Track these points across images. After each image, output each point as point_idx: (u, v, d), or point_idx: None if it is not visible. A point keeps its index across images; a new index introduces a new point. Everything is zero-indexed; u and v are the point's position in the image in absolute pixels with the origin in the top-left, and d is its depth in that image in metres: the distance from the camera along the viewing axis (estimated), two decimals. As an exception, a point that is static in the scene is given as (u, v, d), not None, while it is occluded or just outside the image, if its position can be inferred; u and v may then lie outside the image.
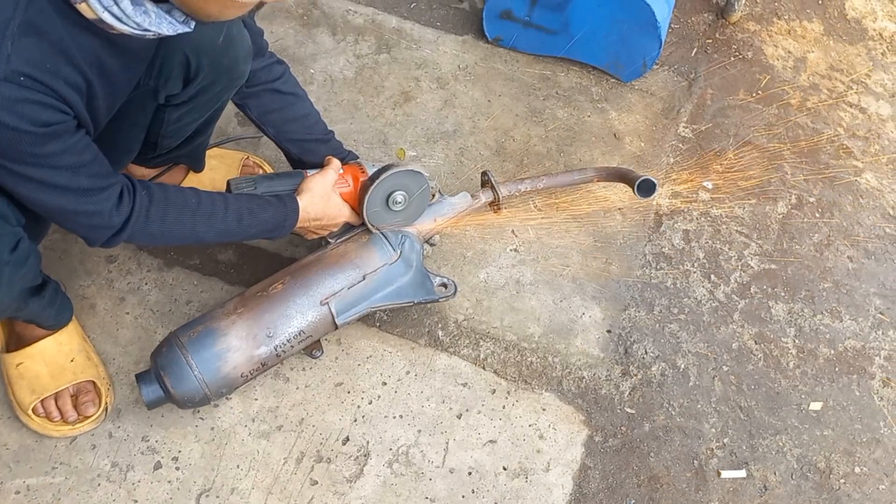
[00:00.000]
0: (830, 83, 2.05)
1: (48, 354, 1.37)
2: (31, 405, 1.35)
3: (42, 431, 1.36)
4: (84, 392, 1.38)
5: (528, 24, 1.88)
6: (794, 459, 1.50)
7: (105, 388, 1.40)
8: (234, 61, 1.30)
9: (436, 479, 1.40)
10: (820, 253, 1.76)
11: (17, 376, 1.36)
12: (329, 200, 1.39)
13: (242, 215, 1.28)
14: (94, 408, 1.38)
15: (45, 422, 1.36)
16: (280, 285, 1.37)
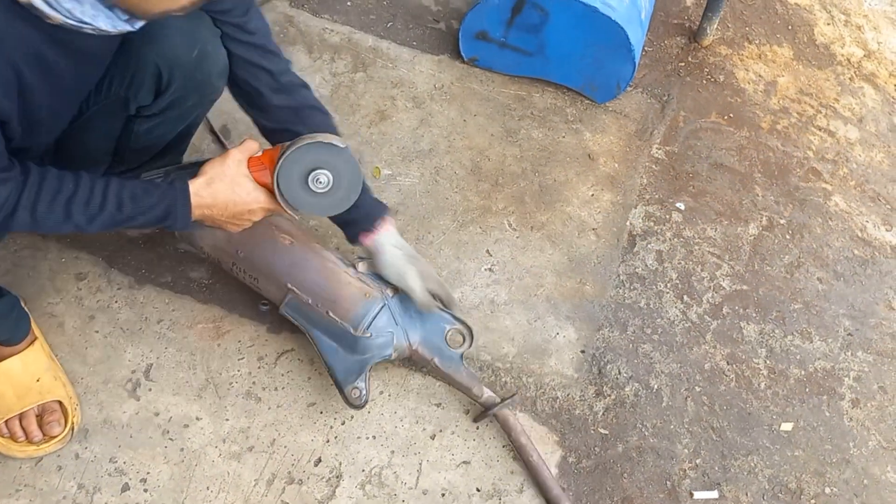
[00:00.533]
0: (800, 107, 2.09)
1: (13, 374, 1.34)
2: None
3: (6, 452, 1.33)
4: (49, 412, 1.35)
5: (503, 45, 1.90)
6: (766, 480, 1.51)
7: (72, 408, 1.37)
8: (208, 76, 1.28)
9: (409, 500, 1.39)
10: (790, 274, 1.78)
11: None
12: (235, 184, 1.20)
13: (123, 202, 1.13)
14: (60, 428, 1.35)
15: (10, 442, 1.33)
16: (287, 241, 1.41)
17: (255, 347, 1.51)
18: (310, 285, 1.38)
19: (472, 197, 1.77)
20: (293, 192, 1.21)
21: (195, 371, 1.47)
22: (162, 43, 1.19)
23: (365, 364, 1.38)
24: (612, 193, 1.82)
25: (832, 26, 2.32)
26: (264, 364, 1.49)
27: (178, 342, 1.49)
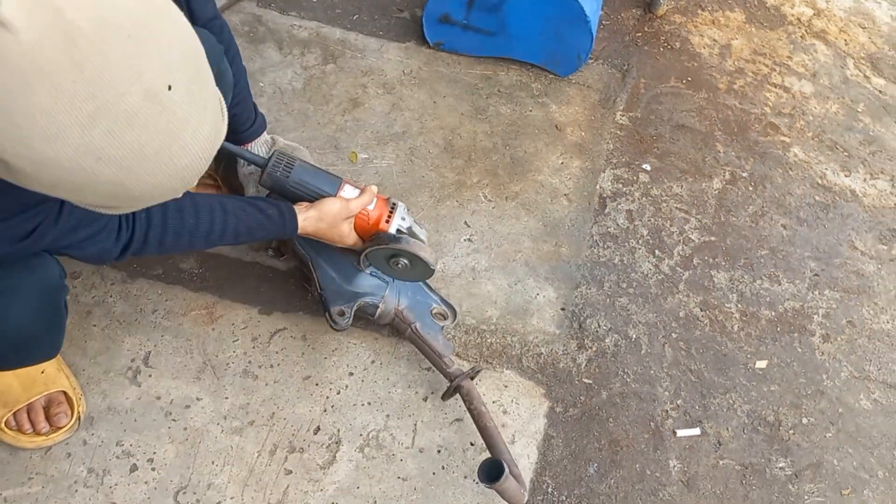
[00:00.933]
0: (755, 67, 2.18)
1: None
2: (3, 418, 1.37)
3: (16, 444, 1.39)
4: (56, 403, 1.41)
5: (466, 27, 1.97)
6: (745, 415, 1.58)
7: (76, 398, 1.43)
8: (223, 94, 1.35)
9: (406, 459, 1.45)
10: (755, 223, 1.86)
11: None
12: (335, 227, 1.42)
13: (240, 233, 1.32)
14: (67, 418, 1.40)
15: (19, 434, 1.38)
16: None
17: (248, 329, 1.57)
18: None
19: (448, 173, 1.84)
20: (377, 263, 1.48)
21: (192, 355, 1.53)
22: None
23: (355, 297, 1.48)
24: (581, 160, 1.90)
25: (781, -11, 2.41)
26: (258, 344, 1.55)
27: (174, 329, 1.55)
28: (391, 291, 1.51)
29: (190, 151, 0.81)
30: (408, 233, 1.47)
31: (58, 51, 0.68)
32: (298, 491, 1.40)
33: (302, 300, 1.61)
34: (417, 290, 1.56)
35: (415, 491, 1.42)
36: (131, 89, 0.72)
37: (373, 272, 1.51)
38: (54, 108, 0.70)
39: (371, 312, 1.50)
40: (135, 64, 0.72)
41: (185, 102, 0.78)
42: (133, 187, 0.80)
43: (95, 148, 0.73)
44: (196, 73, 0.81)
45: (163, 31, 0.76)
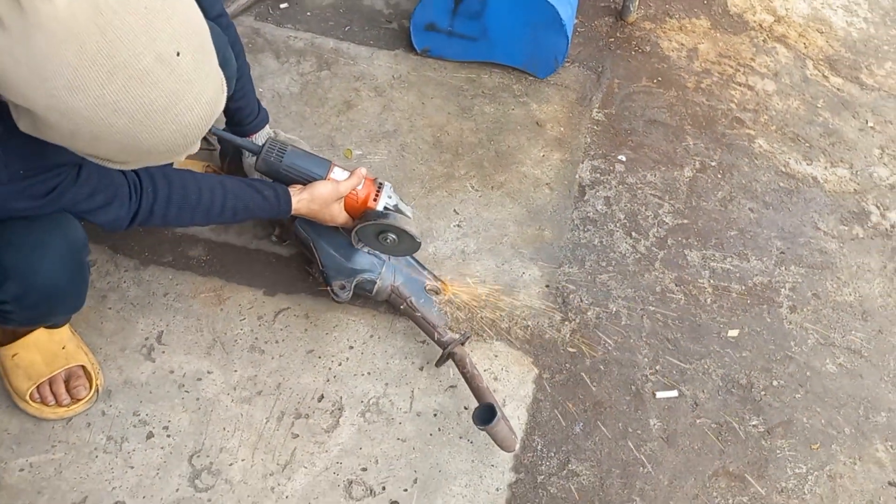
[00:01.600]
0: (720, 68, 2.33)
1: (41, 343, 1.49)
2: (27, 391, 1.47)
3: (39, 415, 1.48)
4: (75, 377, 1.51)
5: (451, 34, 2.12)
6: (719, 378, 1.70)
7: (95, 372, 1.53)
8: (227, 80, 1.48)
9: (405, 422, 1.55)
10: (724, 207, 2.00)
11: (13, 366, 1.48)
12: (326, 207, 1.53)
13: (238, 211, 1.45)
14: (86, 391, 1.50)
15: (42, 406, 1.48)
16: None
17: (254, 309, 1.68)
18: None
19: (436, 167, 1.97)
20: (364, 235, 1.57)
21: (202, 333, 1.63)
22: None
23: (354, 273, 1.59)
24: (561, 153, 2.03)
25: (744, -1, 2.58)
26: (264, 322, 1.66)
27: (185, 310, 1.66)
28: (387, 269, 1.62)
29: (193, 112, 0.96)
30: (394, 209, 1.58)
31: (86, 17, 0.83)
32: (305, 452, 1.50)
33: (304, 282, 1.72)
34: (411, 268, 1.67)
35: (413, 451, 1.52)
36: (145, 52, 0.88)
37: (368, 251, 1.62)
38: (79, 64, 0.84)
39: (369, 289, 1.61)
40: (149, 31, 0.88)
41: (191, 69, 0.93)
42: (143, 140, 0.94)
43: (111, 101, 0.88)
44: (201, 46, 0.96)
45: (175, 8, 0.91)
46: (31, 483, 1.42)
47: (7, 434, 1.47)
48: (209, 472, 1.46)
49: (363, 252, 1.62)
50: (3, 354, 1.49)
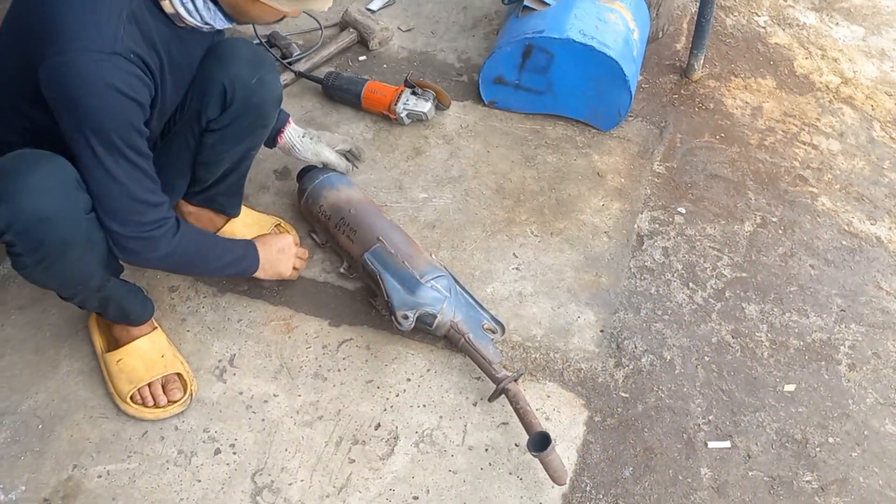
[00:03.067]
0: (785, 126, 2.36)
1: (143, 351, 1.63)
2: (129, 394, 1.61)
3: (138, 415, 1.61)
4: (171, 382, 1.64)
5: (517, 87, 2.22)
6: (773, 432, 1.69)
7: (189, 379, 1.66)
8: (263, 101, 1.62)
9: (457, 455, 1.61)
10: (785, 263, 2.01)
11: (117, 371, 1.62)
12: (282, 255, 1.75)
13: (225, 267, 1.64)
14: (181, 393, 1.64)
15: (141, 407, 1.61)
16: (385, 216, 1.88)
17: (319, 338, 1.77)
18: (396, 242, 1.76)
19: (498, 212, 2.05)
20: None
21: (270, 358, 1.73)
22: (230, 66, 1.55)
23: (417, 306, 1.67)
24: (621, 203, 2.09)
25: (810, 60, 2.61)
26: (328, 351, 1.75)
27: (256, 336, 1.76)
28: (448, 305, 1.70)
29: None
30: (413, 110, 2.18)
31: None
32: (360, 478, 1.56)
33: (367, 315, 1.81)
34: (470, 307, 1.74)
35: (464, 483, 1.57)
36: None
37: (432, 286, 1.70)
38: None
39: (429, 322, 1.68)
40: None
41: None
42: None
43: None
44: None
45: None
46: (107, 489, 1.53)
47: (89, 442, 1.58)
48: (270, 490, 1.53)
49: (427, 287, 1.69)
50: (109, 360, 1.63)
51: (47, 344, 1.72)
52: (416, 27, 2.57)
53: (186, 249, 1.49)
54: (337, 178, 1.92)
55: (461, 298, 1.74)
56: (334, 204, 1.86)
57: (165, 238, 1.42)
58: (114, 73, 1.23)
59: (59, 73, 1.21)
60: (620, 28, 2.14)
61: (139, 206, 1.37)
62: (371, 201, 1.91)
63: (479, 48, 2.50)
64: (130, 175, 1.32)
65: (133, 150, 1.31)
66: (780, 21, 2.72)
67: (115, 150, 1.29)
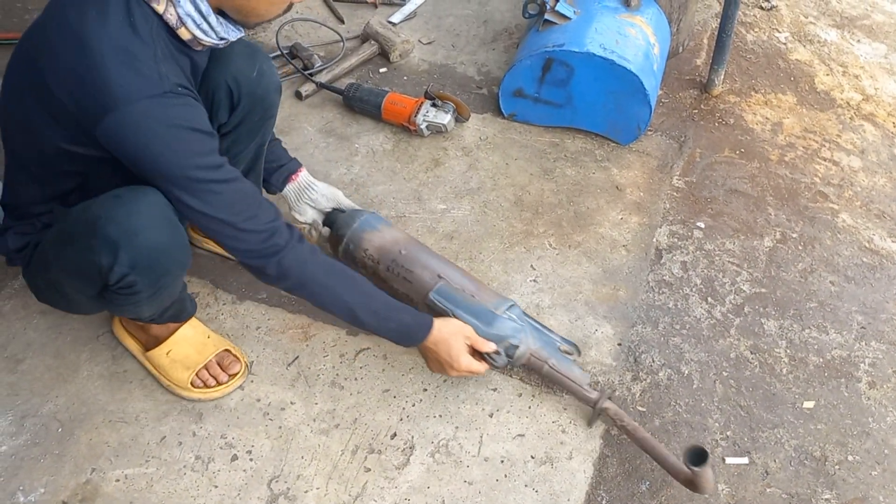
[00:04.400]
0: (805, 142, 2.35)
1: (189, 337, 1.66)
2: (188, 379, 1.63)
3: (204, 397, 1.65)
4: (225, 357, 1.68)
5: (537, 100, 2.23)
6: (792, 449, 1.68)
7: (239, 353, 1.70)
8: (266, 91, 1.62)
9: (472, 466, 1.60)
10: (805, 279, 1.99)
11: (169, 362, 1.64)
12: (452, 349, 1.58)
13: (379, 313, 1.51)
14: (238, 366, 1.68)
15: (205, 389, 1.64)
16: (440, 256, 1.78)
17: (336, 347, 1.78)
18: (458, 279, 1.70)
19: (516, 224, 2.05)
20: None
21: (288, 366, 1.74)
22: (230, 65, 1.55)
23: (500, 339, 1.62)
24: (639, 216, 2.09)
25: (831, 76, 2.60)
26: (345, 360, 1.76)
27: (274, 344, 1.77)
28: (526, 332, 1.65)
29: None
30: (433, 122, 2.21)
31: None
32: (376, 487, 1.56)
33: (385, 325, 1.81)
34: (540, 332, 1.71)
35: (479, 494, 1.56)
36: None
37: (508, 316, 1.66)
38: None
39: (511, 354, 1.64)
40: None
41: None
42: None
43: None
44: None
45: None
46: (124, 493, 1.54)
47: (107, 446, 1.59)
48: (286, 497, 1.54)
49: (504, 318, 1.64)
50: (157, 355, 1.65)
51: (67, 348, 1.74)
52: (437, 40, 2.59)
53: (317, 278, 1.45)
54: (375, 219, 1.81)
55: (531, 324, 1.71)
56: (381, 247, 1.75)
57: (288, 261, 1.40)
58: (171, 111, 1.24)
59: (119, 132, 1.22)
60: (641, 43, 2.15)
61: (244, 234, 1.36)
62: (415, 238, 1.82)
63: (498, 61, 2.52)
64: (221, 207, 1.32)
65: (216, 181, 1.31)
66: (800, 38, 2.72)
67: (198, 190, 1.29)
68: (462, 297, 1.66)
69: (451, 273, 1.71)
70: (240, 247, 1.37)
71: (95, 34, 1.20)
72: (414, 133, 2.25)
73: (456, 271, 1.73)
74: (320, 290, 1.47)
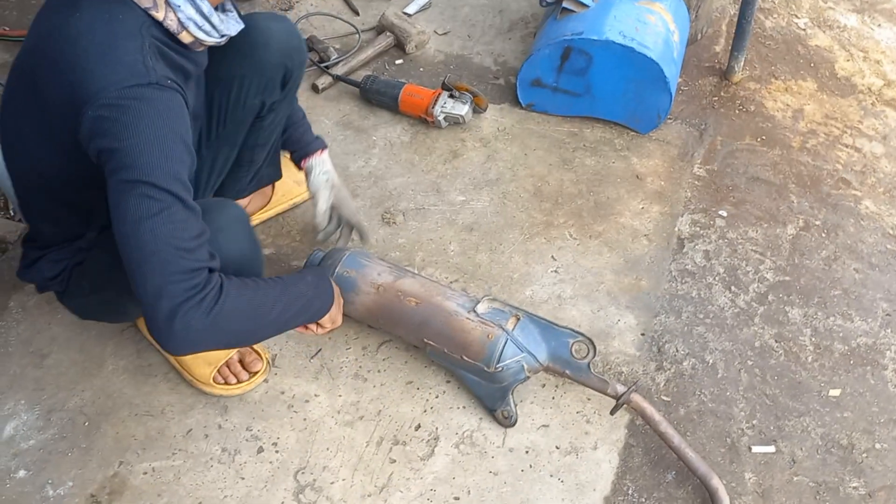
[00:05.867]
0: (827, 129, 2.33)
1: None
2: (210, 375, 1.64)
3: (226, 394, 1.65)
4: (248, 354, 1.68)
5: (555, 90, 2.22)
6: (819, 437, 1.67)
7: (261, 350, 1.70)
8: (300, 44, 1.63)
9: (497, 456, 1.60)
10: (828, 266, 1.98)
11: (192, 358, 1.64)
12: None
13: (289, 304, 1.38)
14: (260, 363, 1.68)
15: (226, 386, 1.65)
16: (413, 303, 1.63)
17: (359, 339, 1.78)
18: (441, 337, 1.61)
19: (536, 214, 2.04)
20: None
21: (311, 359, 1.74)
22: (279, 41, 1.55)
23: (506, 390, 1.60)
24: (660, 206, 2.08)
25: (852, 62, 2.57)
26: (368, 352, 1.76)
27: (296, 337, 1.78)
28: (528, 360, 1.59)
29: None
30: (448, 117, 2.19)
31: None
32: (401, 477, 1.57)
33: (407, 317, 1.81)
34: (546, 335, 1.62)
35: (504, 484, 1.56)
36: None
37: (503, 358, 1.58)
38: None
39: (523, 379, 1.61)
40: None
41: None
42: None
43: None
44: None
45: None
46: (152, 486, 1.55)
47: (134, 440, 1.60)
48: (312, 489, 1.54)
49: (499, 369, 1.58)
50: None
51: (92, 342, 1.75)
52: (453, 30, 2.58)
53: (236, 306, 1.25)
54: (346, 285, 1.67)
55: (532, 330, 1.62)
56: (362, 317, 1.71)
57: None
58: (158, 101, 1.17)
59: (98, 123, 1.14)
60: (661, 30, 2.13)
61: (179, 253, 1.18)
62: (385, 293, 1.66)
63: (515, 51, 2.50)
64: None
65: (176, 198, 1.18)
66: (820, 23, 2.69)
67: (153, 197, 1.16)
68: (456, 360, 1.62)
69: (433, 332, 1.62)
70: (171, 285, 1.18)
71: (79, 32, 1.17)
72: (431, 125, 2.24)
73: (436, 326, 1.61)
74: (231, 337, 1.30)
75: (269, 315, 1.31)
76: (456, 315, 1.61)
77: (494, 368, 1.58)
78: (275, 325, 1.36)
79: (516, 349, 1.59)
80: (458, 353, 1.61)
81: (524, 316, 1.63)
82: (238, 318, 1.23)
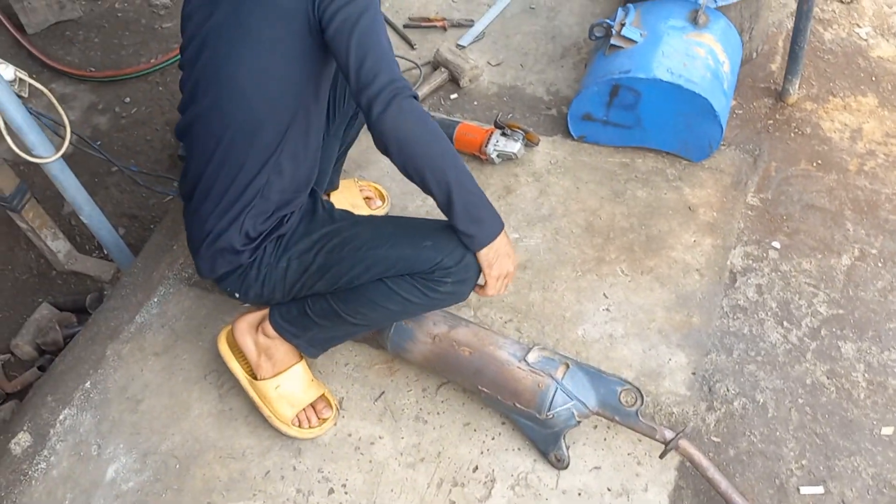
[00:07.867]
0: (886, 149, 2.29)
1: (300, 375, 1.81)
2: (291, 417, 1.78)
3: (301, 437, 1.80)
4: (320, 401, 1.82)
5: (606, 123, 2.26)
6: (870, 478, 1.69)
7: (331, 397, 1.84)
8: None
9: (551, 498, 1.70)
10: (884, 298, 1.97)
11: (277, 396, 1.78)
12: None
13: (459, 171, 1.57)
14: (330, 411, 1.82)
15: (300, 429, 1.79)
16: (468, 352, 1.74)
17: (419, 381, 1.89)
18: (495, 386, 1.70)
19: (588, 250, 2.11)
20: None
21: (375, 401, 1.87)
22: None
23: (558, 435, 1.69)
24: (713, 238, 2.10)
25: (918, 71, 2.51)
26: (427, 394, 1.87)
27: (361, 380, 1.91)
28: (577, 407, 1.66)
29: None
30: (501, 154, 2.28)
31: None
32: (460, 519, 1.68)
33: (464, 359, 1.91)
34: (594, 382, 1.68)
35: (558, 526, 1.66)
36: None
37: (553, 405, 1.65)
38: None
39: (574, 425, 1.69)
40: None
41: None
42: None
43: None
44: None
45: None
46: (236, 524, 1.71)
47: (219, 481, 1.77)
48: (378, 530, 1.68)
49: (551, 416, 1.65)
50: (266, 387, 1.79)
51: (180, 388, 1.93)
52: (506, 60, 2.64)
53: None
54: (401, 337, 1.80)
55: (581, 378, 1.68)
56: (420, 364, 1.83)
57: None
58: None
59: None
60: (710, 63, 2.14)
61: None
62: (434, 336, 1.77)
63: (567, 79, 2.55)
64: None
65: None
66: (884, 31, 2.62)
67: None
68: (509, 407, 1.71)
69: (487, 381, 1.71)
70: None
71: None
72: (485, 161, 2.32)
73: (489, 375, 1.71)
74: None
75: (443, 159, 1.52)
76: (508, 364, 1.71)
77: (546, 416, 1.67)
78: (444, 171, 1.51)
79: (566, 397, 1.67)
80: (510, 400, 1.70)
81: (573, 364, 1.71)
82: (423, 131, 1.49)
